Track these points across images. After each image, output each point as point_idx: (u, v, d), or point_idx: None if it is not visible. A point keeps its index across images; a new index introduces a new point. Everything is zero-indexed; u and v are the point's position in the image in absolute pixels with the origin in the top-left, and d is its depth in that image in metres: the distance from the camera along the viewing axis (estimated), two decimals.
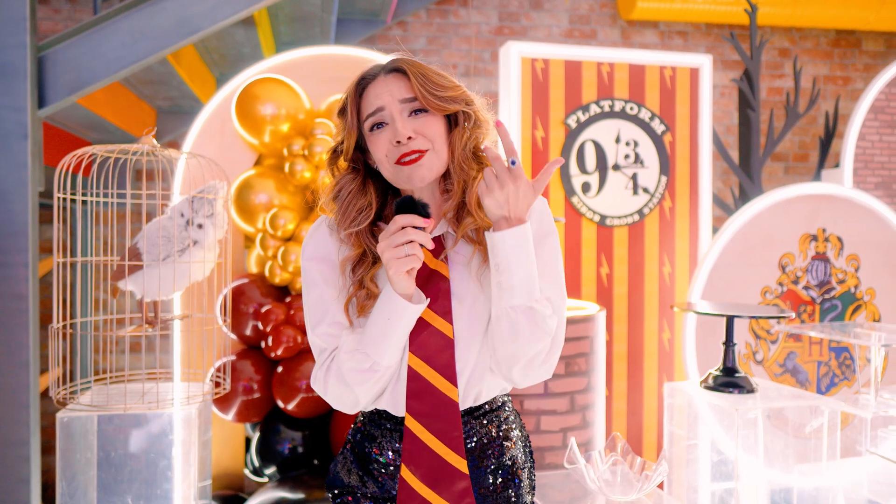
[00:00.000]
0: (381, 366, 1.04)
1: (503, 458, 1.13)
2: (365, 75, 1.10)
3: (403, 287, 1.00)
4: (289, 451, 2.50)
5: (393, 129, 1.05)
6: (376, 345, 1.02)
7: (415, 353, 1.06)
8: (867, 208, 2.99)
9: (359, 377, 1.04)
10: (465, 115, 1.10)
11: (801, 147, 4.46)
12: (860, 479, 2.12)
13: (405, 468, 1.07)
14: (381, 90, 1.07)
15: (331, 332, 1.08)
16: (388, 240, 0.97)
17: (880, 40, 4.55)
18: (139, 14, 2.31)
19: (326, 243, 1.13)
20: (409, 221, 0.97)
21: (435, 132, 1.07)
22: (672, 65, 2.95)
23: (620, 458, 1.63)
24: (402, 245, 0.96)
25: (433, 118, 1.07)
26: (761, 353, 2.89)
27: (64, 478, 1.80)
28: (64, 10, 3.75)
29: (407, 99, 1.06)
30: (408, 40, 4.10)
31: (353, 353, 1.04)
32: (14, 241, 2.16)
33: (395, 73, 1.09)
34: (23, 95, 2.18)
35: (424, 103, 1.06)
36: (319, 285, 1.10)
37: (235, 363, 2.48)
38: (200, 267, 1.95)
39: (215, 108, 2.67)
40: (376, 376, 1.04)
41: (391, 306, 1.01)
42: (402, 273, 0.98)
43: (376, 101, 1.07)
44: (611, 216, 2.89)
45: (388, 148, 1.06)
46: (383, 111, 1.06)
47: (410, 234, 0.96)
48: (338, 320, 1.08)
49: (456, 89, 1.09)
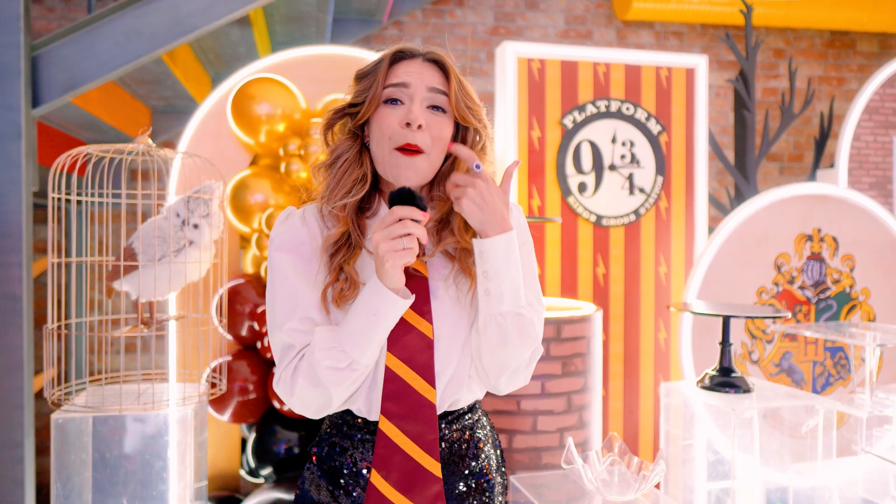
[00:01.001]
0: (360, 364, 0.98)
1: (476, 462, 1.11)
2: (403, 50, 1.07)
3: (394, 281, 0.95)
4: (285, 452, 2.49)
5: (408, 110, 1.02)
6: (357, 341, 0.97)
7: (394, 353, 1.02)
8: (862, 208, 3.00)
9: (335, 377, 0.98)
10: (476, 134, 1.08)
11: (795, 147, 4.47)
12: (855, 478, 2.13)
13: (376, 474, 1.03)
14: (414, 69, 1.04)
15: (301, 328, 1.02)
16: (386, 230, 0.92)
17: (874, 41, 4.57)
18: (134, 13, 2.29)
19: (298, 233, 1.07)
20: (408, 214, 0.92)
21: (442, 135, 1.04)
22: (668, 65, 2.96)
23: (618, 458, 1.63)
24: (399, 237, 0.92)
25: (447, 121, 1.05)
26: (757, 352, 2.90)
27: (59, 479, 1.79)
28: (58, 10, 3.73)
29: (435, 89, 1.04)
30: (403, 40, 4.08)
31: (329, 351, 0.97)
32: (8, 242, 2.15)
33: (434, 63, 1.06)
34: (16, 95, 2.17)
35: (453, 103, 1.04)
36: (290, 278, 1.04)
37: (231, 364, 2.47)
38: (196, 267, 1.94)
39: (211, 107, 2.66)
40: (354, 375, 0.99)
41: (379, 300, 0.96)
42: (397, 267, 0.94)
43: (405, 77, 1.04)
44: (607, 216, 2.89)
45: (395, 128, 1.02)
46: (408, 88, 1.03)
47: (409, 227, 0.92)
48: (309, 316, 1.02)
49: (480, 107, 1.08)
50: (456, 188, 1.00)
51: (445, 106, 1.05)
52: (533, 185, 2.82)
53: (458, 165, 1.08)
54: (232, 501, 2.58)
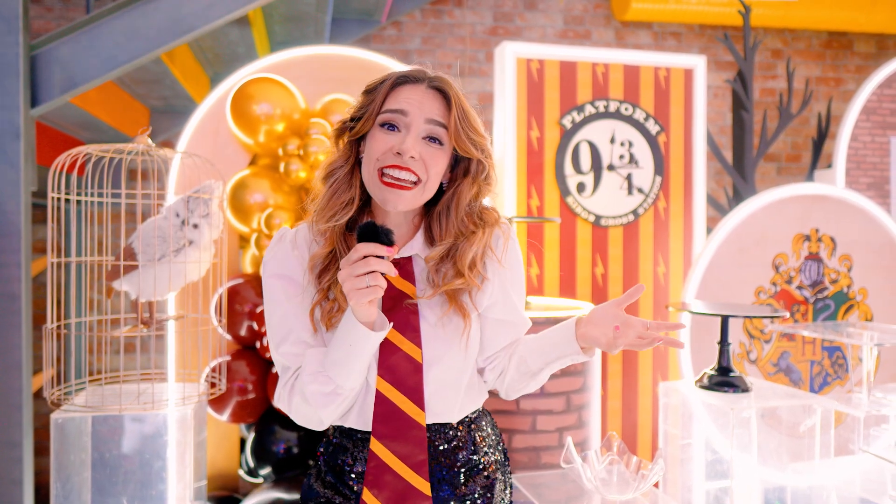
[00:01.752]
0: (344, 389, 1.01)
1: (476, 458, 1.13)
2: (408, 75, 1.07)
3: (365, 315, 0.97)
4: (284, 452, 2.49)
5: (401, 139, 1.02)
6: (339, 369, 1.00)
7: (383, 376, 1.05)
8: (859, 209, 3.01)
9: (322, 400, 1.01)
10: (480, 166, 1.08)
11: (793, 148, 4.48)
12: (853, 477, 2.13)
13: (367, 491, 1.06)
14: (415, 97, 1.04)
15: (294, 350, 1.06)
16: (349, 268, 0.93)
17: (872, 42, 4.58)
18: (133, 13, 2.29)
19: (288, 259, 1.09)
20: (371, 251, 0.92)
21: (437, 168, 1.04)
22: (666, 65, 2.96)
23: (617, 458, 1.64)
24: (363, 275, 0.92)
25: (443, 154, 1.05)
26: (755, 352, 2.91)
27: (58, 479, 1.79)
28: (56, 9, 3.73)
29: (433, 121, 1.03)
30: (402, 40, 4.09)
31: (315, 376, 1.01)
32: (7, 242, 2.14)
33: (437, 91, 1.06)
34: (15, 94, 2.16)
35: (453, 134, 1.03)
36: (282, 303, 1.07)
37: (230, 363, 2.47)
38: (196, 267, 1.94)
39: (210, 107, 2.66)
40: (339, 399, 1.02)
41: (353, 334, 0.98)
42: (363, 304, 0.94)
43: (404, 104, 1.03)
44: (606, 216, 2.89)
45: (385, 152, 1.02)
46: (405, 117, 1.03)
47: (372, 265, 0.92)
48: (302, 339, 1.06)
49: (484, 137, 1.08)
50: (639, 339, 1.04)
51: (443, 138, 1.04)
52: (532, 185, 2.83)
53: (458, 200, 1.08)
54: (231, 501, 2.58)
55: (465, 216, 1.08)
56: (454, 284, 1.05)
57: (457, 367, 1.09)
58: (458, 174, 1.10)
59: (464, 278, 1.06)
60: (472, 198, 1.09)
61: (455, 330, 1.08)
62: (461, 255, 1.06)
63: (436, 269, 1.07)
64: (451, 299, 1.07)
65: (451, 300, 1.07)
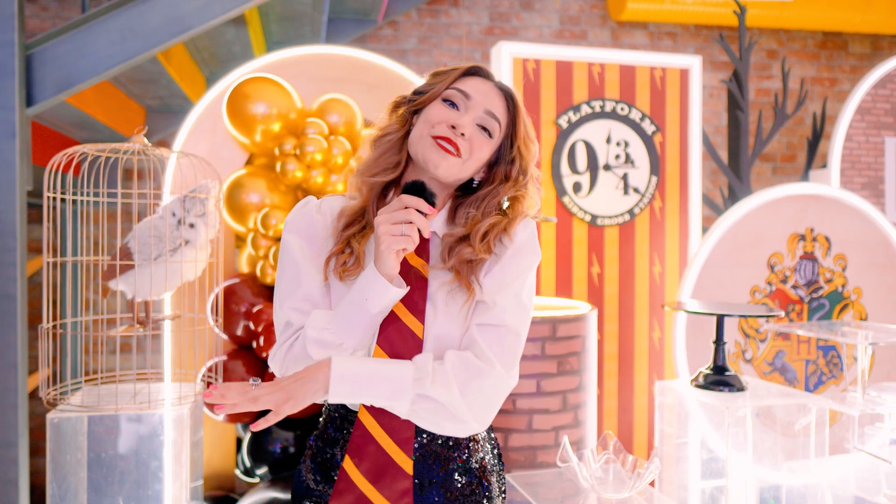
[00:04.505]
0: (348, 347, 1.01)
1: (470, 460, 1.11)
2: (480, 69, 1.11)
3: (390, 267, 0.98)
4: (280, 452, 2.49)
5: (458, 116, 1.05)
6: (348, 324, 1.00)
7: (381, 346, 1.04)
8: (854, 208, 3.02)
9: (323, 354, 1.00)
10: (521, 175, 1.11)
11: (788, 148, 4.50)
12: (848, 475, 2.14)
13: (348, 460, 1.05)
14: (483, 89, 1.08)
15: (301, 307, 1.05)
16: (389, 214, 0.96)
17: (866, 42, 4.60)
18: (129, 12, 2.29)
19: (312, 220, 1.11)
20: (415, 203, 0.96)
21: (480, 153, 1.08)
22: (662, 66, 2.97)
23: (613, 457, 1.64)
24: (400, 223, 0.95)
25: (489, 145, 1.09)
26: (750, 351, 2.92)
27: (54, 479, 1.78)
28: (52, 8, 3.71)
29: (491, 113, 1.08)
30: (399, 40, 4.10)
31: (321, 331, 1.01)
32: (2, 241, 2.14)
33: (501, 91, 1.10)
34: (10, 94, 2.16)
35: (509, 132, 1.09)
36: (297, 259, 1.08)
37: (227, 363, 2.47)
38: (192, 266, 1.94)
39: (206, 107, 2.66)
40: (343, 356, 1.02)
41: (372, 286, 0.98)
42: (392, 251, 0.96)
43: (472, 91, 1.07)
44: (602, 216, 2.90)
45: (440, 122, 1.05)
46: (469, 100, 1.07)
47: (412, 215, 0.95)
48: (310, 297, 1.06)
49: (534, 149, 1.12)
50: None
51: (494, 132, 1.08)
52: None
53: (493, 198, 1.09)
54: (227, 501, 2.58)
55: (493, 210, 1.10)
56: (464, 254, 1.06)
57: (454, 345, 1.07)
58: (496, 175, 1.12)
59: (472, 248, 1.06)
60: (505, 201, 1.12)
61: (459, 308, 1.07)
62: (477, 230, 1.07)
63: (450, 247, 1.08)
64: (458, 274, 1.07)
65: (457, 275, 1.07)
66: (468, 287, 1.06)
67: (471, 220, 1.08)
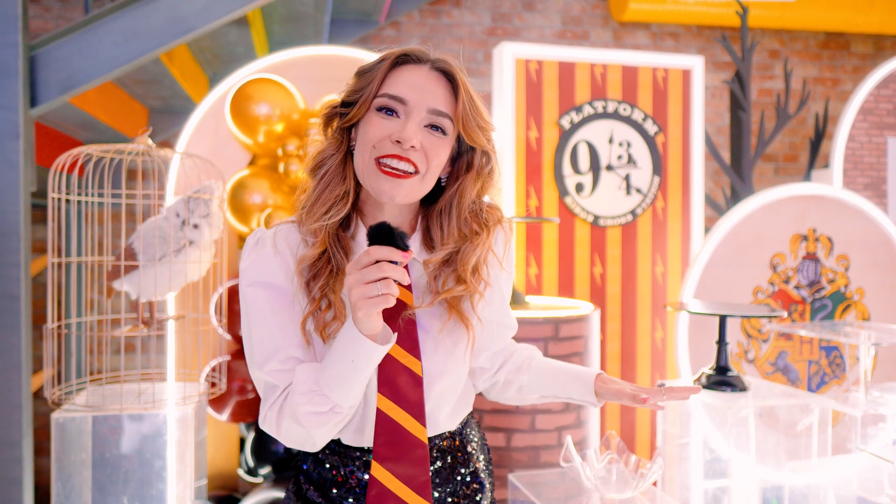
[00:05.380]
0: (343, 408, 0.91)
1: (469, 464, 1.10)
2: (409, 54, 0.96)
3: (371, 328, 0.85)
4: (283, 451, 2.50)
5: (400, 126, 0.92)
6: (337, 387, 0.89)
7: (385, 394, 0.95)
8: (856, 209, 3.02)
9: (317, 420, 0.91)
10: (484, 158, 0.99)
11: (791, 148, 4.50)
12: (850, 476, 2.14)
13: None
14: (418, 82, 0.94)
15: (283, 368, 0.94)
16: (360, 273, 0.81)
17: (869, 42, 4.59)
18: (132, 13, 2.30)
19: (270, 264, 0.96)
20: (387, 255, 0.81)
21: (438, 159, 0.95)
22: (664, 66, 2.97)
23: (616, 457, 1.65)
24: (374, 282, 0.81)
25: (445, 145, 0.95)
26: (753, 351, 2.92)
27: (59, 478, 1.79)
28: (55, 9, 3.72)
29: (437, 111, 0.94)
30: (401, 40, 4.08)
31: (310, 396, 0.90)
32: (6, 242, 2.14)
33: (442, 74, 0.96)
34: (14, 95, 2.16)
35: (460, 123, 0.94)
36: (267, 316, 0.95)
37: (230, 363, 2.48)
38: (196, 267, 1.95)
39: (209, 107, 2.66)
40: (337, 418, 0.92)
41: (356, 348, 0.86)
42: (372, 315, 0.84)
43: (405, 90, 0.93)
44: (604, 216, 2.90)
45: (382, 140, 0.92)
46: (403, 104, 0.93)
47: (386, 270, 0.81)
48: (291, 355, 0.94)
49: (490, 126, 0.99)
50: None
51: (447, 128, 0.95)
52: (530, 185, 2.83)
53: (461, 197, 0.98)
54: (230, 501, 2.59)
55: (468, 215, 0.99)
56: (455, 291, 0.97)
57: (457, 377, 1.03)
58: (459, 168, 1.00)
59: (466, 285, 0.97)
60: (475, 195, 1.00)
61: (456, 341, 1.01)
62: (464, 259, 0.97)
63: (435, 275, 0.98)
64: (451, 308, 0.98)
65: (451, 308, 0.98)
66: (466, 324, 0.99)
67: (447, 236, 0.98)
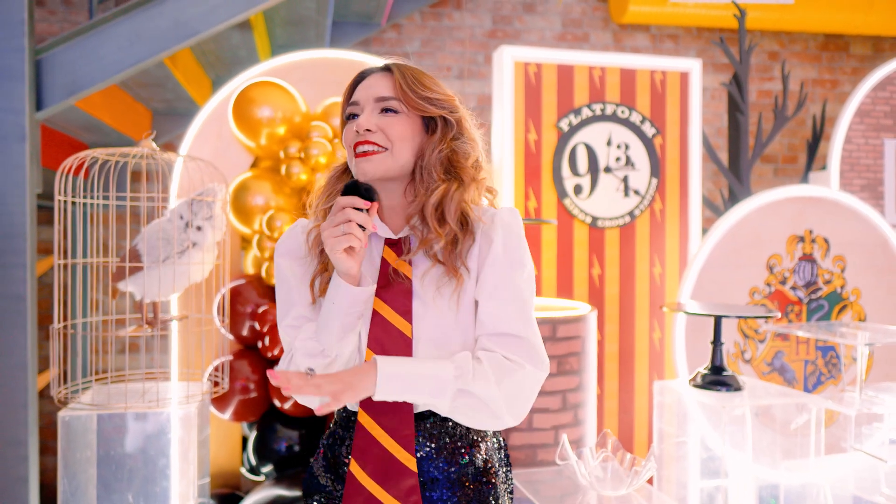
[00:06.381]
0: (330, 352, 1.04)
1: (476, 458, 1.12)
2: (362, 72, 1.15)
3: (344, 268, 1.00)
4: (285, 450, 2.53)
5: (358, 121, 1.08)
6: (324, 328, 1.04)
7: (371, 347, 1.06)
8: (853, 210, 3.05)
9: (308, 362, 1.04)
10: (445, 122, 1.11)
11: (790, 149, 4.52)
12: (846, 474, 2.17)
13: (354, 463, 1.07)
14: (368, 84, 1.11)
15: (294, 324, 1.10)
16: (329, 219, 1.00)
17: (868, 44, 4.61)
18: (136, 17, 2.33)
19: (298, 241, 1.16)
20: (350, 202, 0.99)
21: (399, 133, 1.08)
22: (662, 69, 3.00)
23: (611, 455, 1.68)
24: (339, 224, 0.99)
25: (404, 120, 1.09)
26: (749, 351, 2.94)
27: (66, 475, 1.83)
28: (59, 12, 3.76)
29: (382, 97, 1.09)
30: (402, 43, 4.13)
31: (305, 342, 1.06)
32: (12, 243, 2.18)
33: (385, 72, 1.13)
34: (20, 98, 2.20)
35: (403, 98, 1.08)
36: (288, 280, 1.13)
37: (232, 363, 2.51)
38: (199, 268, 1.98)
39: (212, 110, 2.70)
40: (325, 361, 1.04)
41: (335, 290, 1.02)
42: (338, 251, 0.99)
43: (358, 94, 1.11)
44: (602, 218, 2.93)
45: (351, 137, 1.09)
46: (357, 105, 1.11)
47: (349, 213, 0.98)
48: (302, 314, 1.11)
49: (442, 94, 1.11)
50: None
51: (398, 107, 1.09)
52: (529, 187, 2.86)
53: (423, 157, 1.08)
54: (233, 499, 2.62)
55: (429, 167, 1.09)
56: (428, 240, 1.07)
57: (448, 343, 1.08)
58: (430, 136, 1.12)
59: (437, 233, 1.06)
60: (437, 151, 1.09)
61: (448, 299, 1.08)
62: (427, 207, 1.07)
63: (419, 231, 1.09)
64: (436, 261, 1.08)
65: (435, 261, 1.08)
66: (454, 272, 1.06)
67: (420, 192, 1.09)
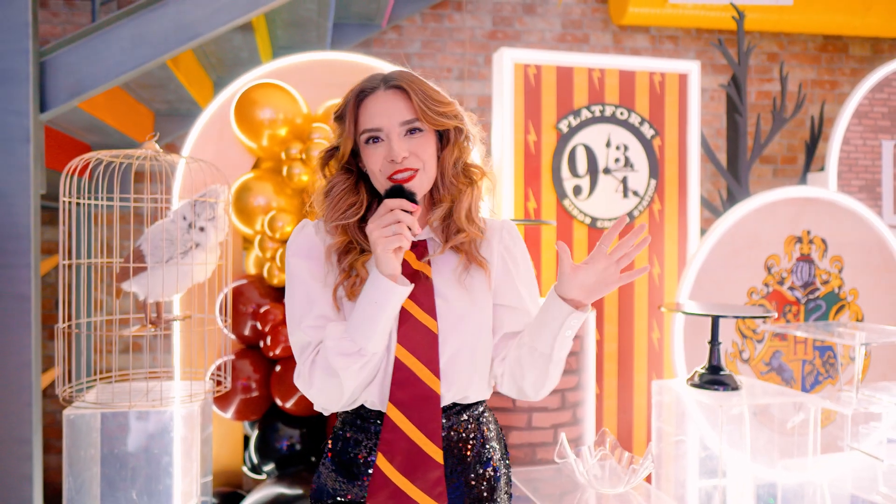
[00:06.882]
0: (367, 350, 1.06)
1: (484, 453, 1.17)
2: (365, 87, 1.14)
3: (390, 267, 1.04)
4: (287, 449, 2.55)
5: (388, 148, 1.10)
6: (363, 329, 1.05)
7: (402, 344, 1.10)
8: (851, 211, 3.06)
9: (344, 361, 1.05)
10: (457, 131, 1.17)
11: (789, 150, 4.54)
12: (844, 474, 2.19)
13: (382, 457, 1.10)
14: (381, 108, 1.11)
15: (316, 324, 1.10)
16: (378, 220, 1.03)
17: (866, 45, 4.63)
18: (139, 20, 2.35)
19: (312, 241, 1.16)
20: (398, 204, 1.03)
21: (428, 152, 1.13)
22: (661, 71, 3.02)
23: (609, 453, 1.70)
24: (389, 225, 1.02)
25: (427, 138, 1.13)
26: (747, 351, 2.96)
27: (70, 473, 1.85)
28: (62, 14, 3.78)
29: (406, 121, 1.11)
30: (402, 44, 4.15)
31: (339, 340, 1.06)
32: (16, 243, 2.19)
33: (395, 89, 1.12)
34: (25, 100, 2.22)
35: (424, 119, 1.11)
36: (306, 281, 1.13)
37: (234, 362, 2.53)
38: (202, 269, 2.00)
39: (214, 112, 2.72)
40: (362, 361, 1.06)
41: (378, 288, 1.04)
42: (389, 251, 1.02)
43: (376, 120, 1.11)
44: (601, 218, 2.95)
45: (382, 163, 1.11)
46: (382, 130, 1.11)
47: (399, 215, 1.02)
48: (324, 313, 1.11)
49: (451, 105, 1.15)
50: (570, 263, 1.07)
51: (420, 126, 1.12)
52: (529, 188, 2.88)
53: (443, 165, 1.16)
54: (235, 497, 2.64)
55: (453, 178, 1.17)
56: (458, 239, 1.14)
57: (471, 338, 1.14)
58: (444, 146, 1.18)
59: (465, 232, 1.14)
60: (457, 160, 1.17)
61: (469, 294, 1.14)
62: (457, 210, 1.15)
63: (441, 231, 1.16)
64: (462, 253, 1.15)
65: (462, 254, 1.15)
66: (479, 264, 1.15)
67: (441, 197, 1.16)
